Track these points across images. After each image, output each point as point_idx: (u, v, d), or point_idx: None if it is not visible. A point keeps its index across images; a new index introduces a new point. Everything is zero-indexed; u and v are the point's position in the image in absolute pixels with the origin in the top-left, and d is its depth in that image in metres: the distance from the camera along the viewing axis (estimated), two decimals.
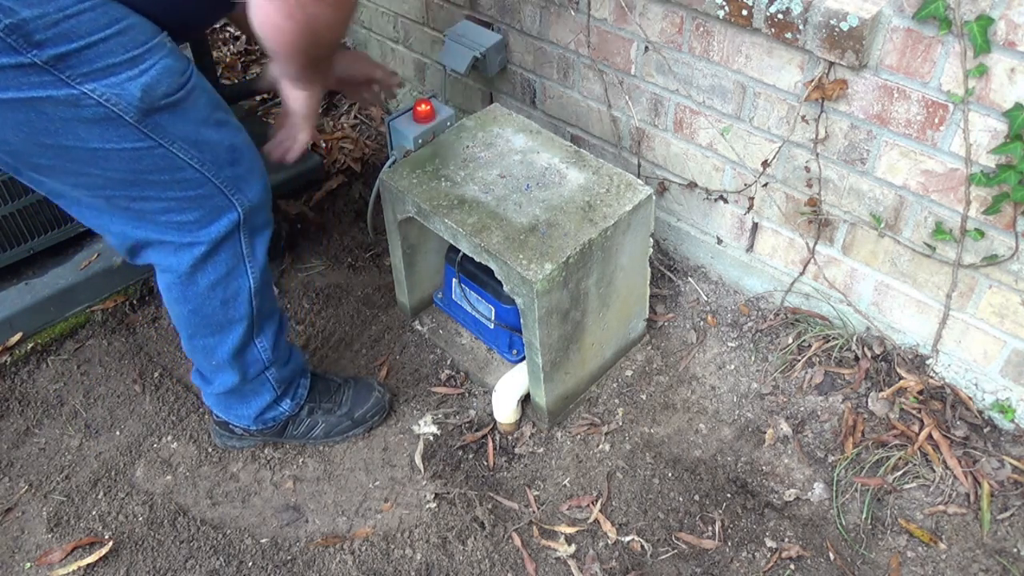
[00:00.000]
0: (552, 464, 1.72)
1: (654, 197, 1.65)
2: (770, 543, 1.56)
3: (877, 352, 1.79)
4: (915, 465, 1.63)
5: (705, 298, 2.01)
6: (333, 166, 2.51)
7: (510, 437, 1.78)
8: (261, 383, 1.61)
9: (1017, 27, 1.28)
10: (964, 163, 1.46)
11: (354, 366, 1.94)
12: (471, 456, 1.74)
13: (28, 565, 1.59)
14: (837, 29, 1.43)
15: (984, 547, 1.53)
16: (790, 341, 1.87)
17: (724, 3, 1.58)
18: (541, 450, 1.75)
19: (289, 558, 1.59)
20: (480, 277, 1.78)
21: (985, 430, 1.67)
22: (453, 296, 1.92)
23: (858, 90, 1.53)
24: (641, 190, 1.64)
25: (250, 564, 1.58)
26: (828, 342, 1.84)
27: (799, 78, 1.59)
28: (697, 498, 1.64)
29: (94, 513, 1.67)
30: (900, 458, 1.64)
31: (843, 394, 1.77)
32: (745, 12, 1.55)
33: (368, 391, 1.78)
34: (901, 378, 1.75)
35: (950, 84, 1.41)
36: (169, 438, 1.81)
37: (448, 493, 1.67)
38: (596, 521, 1.61)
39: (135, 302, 2.08)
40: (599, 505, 1.63)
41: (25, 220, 1.89)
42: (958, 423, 1.67)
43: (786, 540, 1.56)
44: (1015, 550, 1.52)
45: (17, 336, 1.95)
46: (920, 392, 1.72)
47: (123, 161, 1.22)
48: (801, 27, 1.48)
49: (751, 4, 1.54)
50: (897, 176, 1.57)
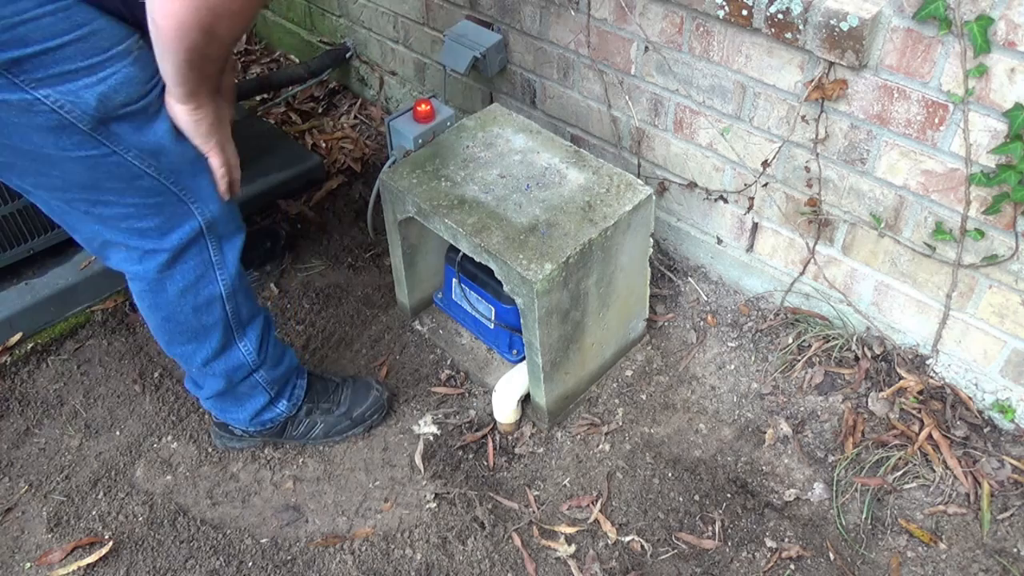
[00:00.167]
0: (552, 464, 1.72)
1: (654, 197, 1.65)
2: (770, 543, 1.56)
3: (877, 352, 1.79)
4: (915, 465, 1.63)
5: (705, 298, 2.01)
6: (333, 166, 2.52)
7: (510, 437, 1.78)
8: (251, 386, 1.60)
9: (1017, 27, 1.28)
10: (964, 163, 1.46)
11: (354, 366, 1.94)
12: (471, 456, 1.74)
13: (28, 565, 1.59)
14: (837, 29, 1.43)
15: (984, 547, 1.53)
16: (790, 341, 1.87)
17: (724, 3, 1.58)
18: (541, 450, 1.75)
19: (289, 558, 1.59)
20: (480, 277, 1.78)
21: (985, 430, 1.67)
22: (453, 296, 1.92)
23: (858, 90, 1.53)
24: (641, 190, 1.64)
25: (250, 564, 1.58)
26: (828, 342, 1.84)
27: (799, 78, 1.59)
28: (697, 498, 1.64)
29: (94, 513, 1.67)
30: (900, 458, 1.64)
31: (843, 394, 1.77)
32: (745, 12, 1.55)
33: (366, 390, 1.78)
34: (901, 378, 1.75)
35: (950, 84, 1.41)
36: (169, 438, 1.81)
37: (448, 493, 1.67)
38: (596, 521, 1.61)
39: (135, 302, 2.07)
40: (599, 505, 1.63)
41: (25, 220, 1.89)
42: (958, 423, 1.67)
43: (786, 540, 1.56)
44: (1015, 550, 1.52)
45: (17, 336, 1.95)
46: (920, 392, 1.72)
47: (78, 167, 1.19)
48: (801, 27, 1.48)
49: (751, 4, 1.54)
50: (897, 176, 1.57)
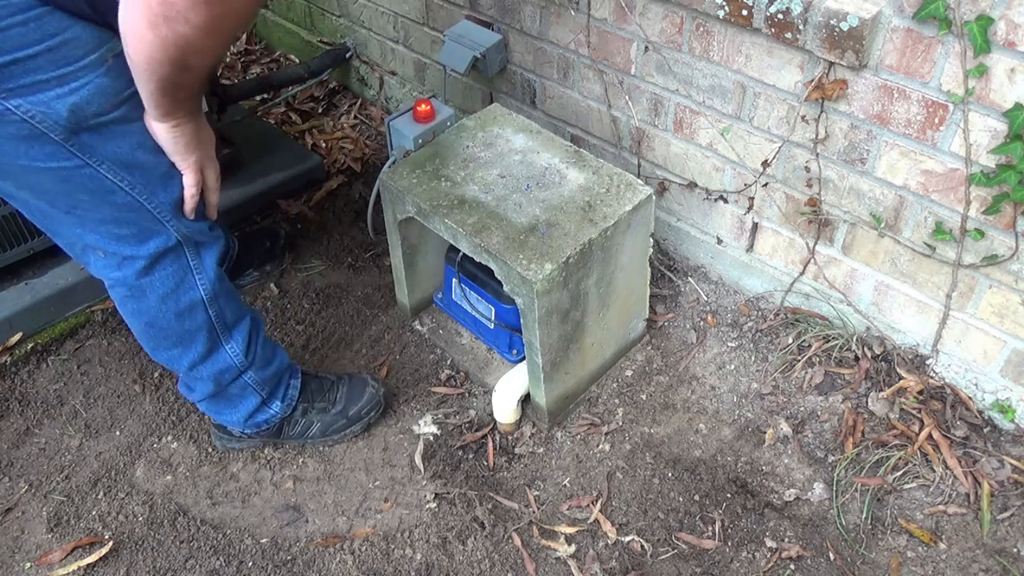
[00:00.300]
0: (552, 464, 1.72)
1: (654, 197, 1.65)
2: (770, 543, 1.56)
3: (877, 352, 1.79)
4: (915, 465, 1.63)
5: (705, 298, 2.01)
6: (333, 166, 2.52)
7: (510, 437, 1.78)
8: (241, 387, 1.59)
9: (1017, 27, 1.28)
10: (964, 163, 1.46)
11: (354, 366, 1.94)
12: (471, 456, 1.74)
13: (28, 565, 1.59)
14: (837, 29, 1.43)
15: (984, 547, 1.53)
16: (790, 341, 1.87)
17: (724, 3, 1.58)
18: (541, 450, 1.75)
19: (289, 558, 1.59)
20: (480, 277, 1.78)
21: (985, 430, 1.67)
22: (453, 296, 1.92)
23: (858, 90, 1.53)
24: (641, 190, 1.64)
25: (250, 564, 1.58)
26: (828, 342, 1.84)
27: (799, 78, 1.59)
28: (697, 498, 1.64)
29: (94, 513, 1.67)
30: (900, 458, 1.64)
31: (843, 394, 1.77)
32: (745, 12, 1.55)
33: (362, 387, 1.77)
34: (901, 378, 1.75)
35: (950, 84, 1.40)
36: (169, 438, 1.81)
37: (448, 493, 1.67)
38: (596, 521, 1.61)
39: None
40: (599, 505, 1.63)
41: (25, 220, 1.89)
42: (958, 423, 1.67)
43: (786, 540, 1.56)
44: (1015, 550, 1.52)
45: (17, 336, 1.95)
46: (920, 392, 1.72)
47: (50, 179, 1.19)
48: (801, 27, 1.48)
49: (751, 4, 1.54)
50: (897, 176, 1.57)
